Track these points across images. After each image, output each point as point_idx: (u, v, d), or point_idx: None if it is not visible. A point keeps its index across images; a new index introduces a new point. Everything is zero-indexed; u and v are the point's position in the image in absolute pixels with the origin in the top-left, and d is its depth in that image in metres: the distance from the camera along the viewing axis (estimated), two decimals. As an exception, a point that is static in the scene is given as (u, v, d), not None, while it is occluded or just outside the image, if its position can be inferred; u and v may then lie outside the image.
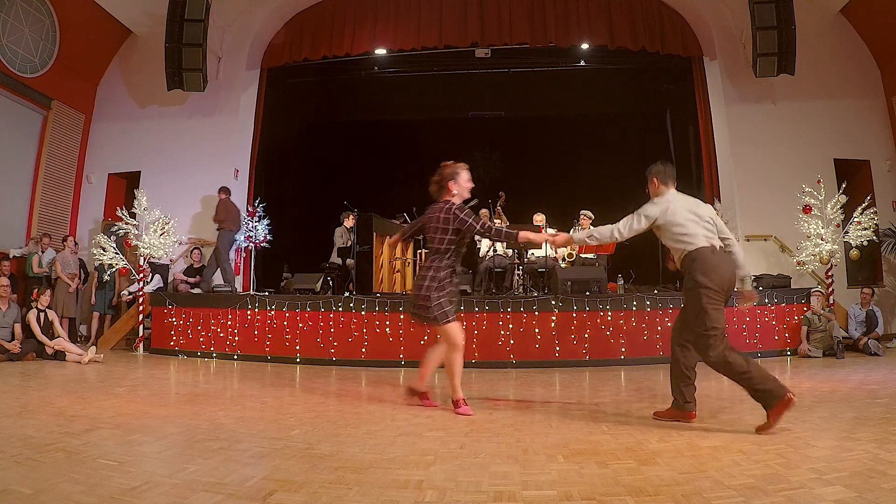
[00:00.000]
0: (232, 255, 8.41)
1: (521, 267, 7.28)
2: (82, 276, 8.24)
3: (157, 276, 8.05)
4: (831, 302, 6.93)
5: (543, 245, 7.22)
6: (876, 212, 7.14)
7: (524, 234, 3.68)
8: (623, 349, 6.22)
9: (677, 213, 3.28)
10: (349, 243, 8.11)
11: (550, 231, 6.59)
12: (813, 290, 6.77)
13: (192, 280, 8.07)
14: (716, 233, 3.28)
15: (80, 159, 9.32)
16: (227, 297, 7.12)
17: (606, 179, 10.24)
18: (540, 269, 7.41)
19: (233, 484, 2.14)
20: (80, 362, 6.00)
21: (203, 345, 6.79)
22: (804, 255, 7.17)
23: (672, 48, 8.82)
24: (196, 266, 8.30)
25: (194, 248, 8.44)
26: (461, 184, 3.73)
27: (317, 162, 11.00)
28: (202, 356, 6.73)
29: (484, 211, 8.74)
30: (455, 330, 3.57)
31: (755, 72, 7.84)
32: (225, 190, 8.29)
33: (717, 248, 3.23)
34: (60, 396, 4.06)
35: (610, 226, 3.45)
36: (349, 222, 8.32)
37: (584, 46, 9.02)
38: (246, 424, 3.33)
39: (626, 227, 3.39)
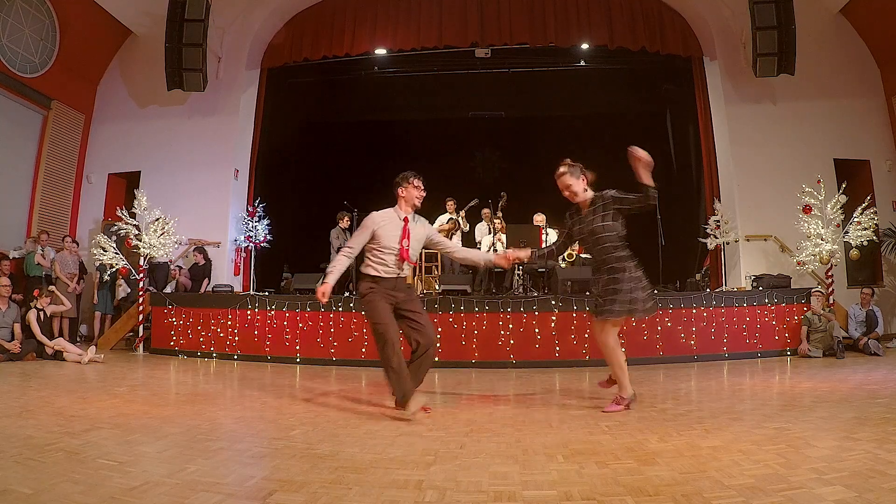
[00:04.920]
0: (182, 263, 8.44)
1: (520, 267, 7.28)
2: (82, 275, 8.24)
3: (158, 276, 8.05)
4: (831, 302, 6.92)
5: (544, 245, 7.22)
6: (876, 212, 7.14)
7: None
8: (623, 349, 6.19)
9: None
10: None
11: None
12: (813, 290, 6.76)
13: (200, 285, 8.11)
14: None
15: (80, 159, 9.32)
16: (227, 297, 7.12)
17: (606, 179, 10.18)
18: (540, 269, 7.41)
19: (233, 484, 2.14)
20: (80, 362, 6.01)
21: (203, 345, 6.79)
22: (804, 255, 7.17)
23: (672, 48, 8.81)
24: (200, 265, 8.29)
25: (195, 248, 8.42)
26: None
27: (317, 162, 10.99)
28: (202, 356, 6.73)
29: (486, 211, 8.73)
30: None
31: (755, 72, 7.84)
32: None
33: None
34: (60, 396, 4.06)
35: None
36: (344, 223, 8.32)
37: (584, 46, 9.02)
38: (246, 424, 3.33)
39: None
